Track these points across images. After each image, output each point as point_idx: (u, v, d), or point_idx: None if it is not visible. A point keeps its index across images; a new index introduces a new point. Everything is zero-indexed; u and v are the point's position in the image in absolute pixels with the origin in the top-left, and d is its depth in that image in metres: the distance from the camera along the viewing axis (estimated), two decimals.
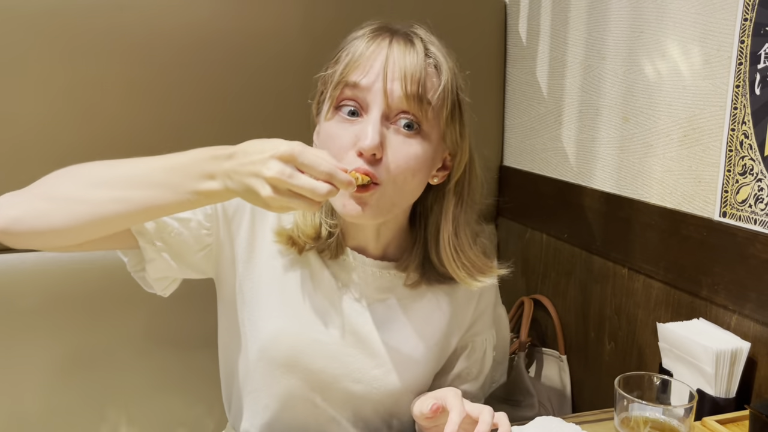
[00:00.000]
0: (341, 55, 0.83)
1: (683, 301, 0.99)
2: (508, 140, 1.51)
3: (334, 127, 0.81)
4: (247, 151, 0.70)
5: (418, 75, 0.78)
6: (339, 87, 0.80)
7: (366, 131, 0.77)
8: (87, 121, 1.19)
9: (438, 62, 0.81)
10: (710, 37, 0.92)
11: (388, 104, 0.78)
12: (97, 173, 0.76)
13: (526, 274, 1.45)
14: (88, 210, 0.73)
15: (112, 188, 0.74)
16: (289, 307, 0.92)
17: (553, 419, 0.90)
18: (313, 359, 0.91)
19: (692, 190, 0.98)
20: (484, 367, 1.03)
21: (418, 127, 0.80)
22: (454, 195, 0.89)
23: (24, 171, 1.16)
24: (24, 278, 1.20)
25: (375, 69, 0.78)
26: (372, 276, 0.93)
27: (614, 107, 1.13)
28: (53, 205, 0.74)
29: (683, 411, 0.74)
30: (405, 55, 0.78)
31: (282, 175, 0.66)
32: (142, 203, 0.73)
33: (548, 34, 1.33)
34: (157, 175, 0.74)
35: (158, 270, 0.89)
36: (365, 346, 0.92)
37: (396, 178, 0.79)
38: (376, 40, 0.80)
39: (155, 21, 1.20)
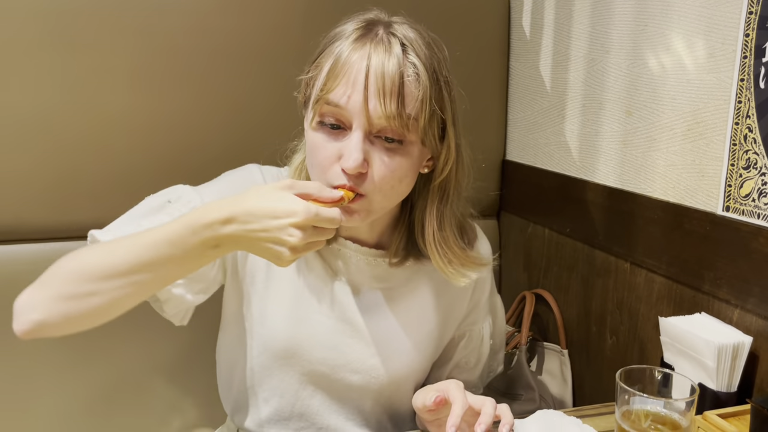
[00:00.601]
0: (321, 61, 0.81)
1: (685, 296, 0.99)
2: (511, 134, 1.51)
3: (318, 139, 0.81)
4: (255, 215, 0.71)
5: (397, 91, 0.77)
6: (320, 103, 0.79)
7: (349, 151, 0.77)
8: (87, 112, 1.19)
9: (417, 70, 0.78)
10: (715, 30, 0.92)
11: (369, 123, 0.78)
12: (103, 263, 0.76)
13: (528, 268, 1.45)
14: (105, 301, 0.76)
15: (122, 276, 0.75)
16: (287, 298, 0.92)
17: (554, 413, 0.90)
18: (311, 350, 0.92)
19: (695, 184, 0.97)
20: (481, 356, 1.03)
21: (401, 140, 0.80)
22: (438, 191, 0.88)
23: (24, 161, 1.17)
24: (26, 269, 1.20)
25: (356, 87, 0.77)
26: (367, 264, 0.93)
27: (618, 101, 1.13)
28: (72, 304, 0.76)
29: (684, 404, 0.74)
30: (384, 68, 0.76)
31: (304, 239, 0.71)
32: (156, 283, 0.77)
33: (552, 27, 1.32)
34: (161, 254, 0.75)
35: (175, 306, 0.90)
36: (362, 336, 0.93)
37: (382, 188, 0.81)
38: (356, 48, 0.78)
39: (156, 12, 1.20)
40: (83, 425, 1.26)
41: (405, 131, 0.79)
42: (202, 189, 0.93)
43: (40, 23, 1.14)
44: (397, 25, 0.81)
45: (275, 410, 0.96)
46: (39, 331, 0.78)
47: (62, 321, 0.77)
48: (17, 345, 1.20)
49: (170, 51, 1.21)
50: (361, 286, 0.93)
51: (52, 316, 0.77)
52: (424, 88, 0.78)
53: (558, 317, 1.31)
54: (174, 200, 0.89)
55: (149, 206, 0.89)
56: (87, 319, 0.78)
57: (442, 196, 0.88)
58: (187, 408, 1.30)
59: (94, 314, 0.77)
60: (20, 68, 1.14)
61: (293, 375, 0.93)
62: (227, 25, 1.24)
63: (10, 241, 1.20)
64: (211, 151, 1.25)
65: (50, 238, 1.22)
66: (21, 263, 1.20)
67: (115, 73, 1.19)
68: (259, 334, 0.93)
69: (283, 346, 0.92)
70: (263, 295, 0.93)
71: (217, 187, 0.93)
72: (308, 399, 0.95)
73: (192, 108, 1.24)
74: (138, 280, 0.75)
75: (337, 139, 0.80)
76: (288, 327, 0.91)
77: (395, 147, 0.80)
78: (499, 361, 1.09)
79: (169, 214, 0.87)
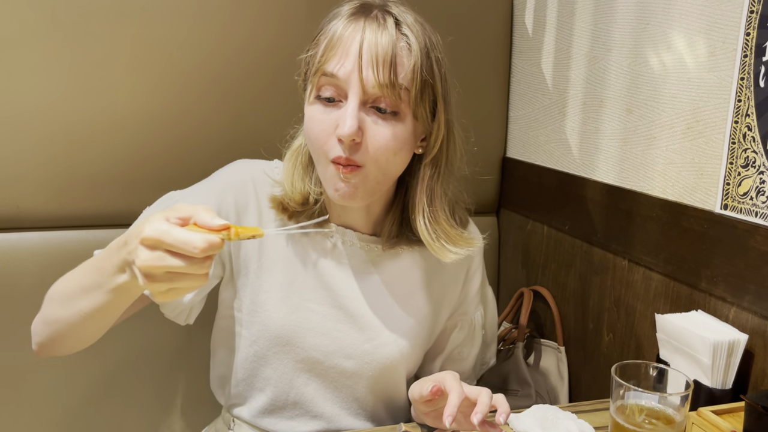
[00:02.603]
0: (320, 38, 0.84)
1: (682, 293, 0.99)
2: (512, 131, 1.51)
3: (315, 112, 0.83)
4: (131, 234, 0.67)
5: (390, 60, 0.79)
6: (317, 75, 0.82)
7: (344, 119, 0.79)
8: (89, 102, 1.19)
9: (410, 42, 0.81)
10: (716, 29, 0.92)
11: (364, 91, 0.80)
12: (65, 289, 0.80)
13: (527, 265, 1.45)
14: (68, 327, 0.78)
15: (72, 302, 0.77)
16: (279, 287, 0.93)
17: (550, 407, 0.91)
18: (304, 337, 0.93)
19: (694, 182, 0.98)
20: (473, 346, 1.04)
21: (395, 111, 0.82)
22: (429, 168, 0.89)
23: (25, 150, 1.18)
24: (27, 257, 1.21)
25: (349, 57, 0.80)
26: (361, 249, 0.94)
27: (618, 99, 1.13)
28: (51, 329, 0.81)
29: (679, 399, 0.74)
30: (377, 39, 0.79)
31: (150, 260, 0.62)
32: (85, 311, 0.75)
33: (554, 25, 1.32)
34: (90, 279, 0.75)
35: (171, 309, 0.92)
36: (355, 321, 0.94)
37: (377, 159, 0.82)
38: (351, 23, 0.81)
39: (160, 2, 1.20)
40: (78, 418, 1.26)
41: (398, 101, 0.81)
42: (191, 191, 0.94)
43: (44, 13, 1.14)
44: (393, 5, 0.84)
45: (270, 400, 0.96)
46: (44, 352, 0.85)
47: (53, 343, 0.83)
48: (15, 336, 1.21)
49: (174, 41, 1.22)
50: (354, 272, 0.94)
51: (44, 339, 0.83)
52: (415, 58, 0.81)
53: (555, 314, 1.31)
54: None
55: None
56: (67, 344, 0.82)
57: (432, 173, 0.89)
58: (182, 402, 1.31)
59: (68, 339, 0.81)
60: (23, 58, 1.15)
61: (287, 363, 0.94)
62: (232, 16, 1.24)
63: (10, 229, 1.20)
64: (214, 142, 1.25)
65: (51, 227, 1.22)
66: (21, 251, 1.20)
67: (118, 64, 1.20)
68: (252, 323, 0.94)
69: (276, 334, 0.93)
70: (255, 285, 0.93)
71: (204, 186, 0.95)
72: (303, 387, 0.95)
73: (195, 99, 1.24)
74: (79, 307, 0.75)
75: (333, 110, 0.82)
76: (281, 315, 0.92)
77: (389, 117, 0.82)
78: (492, 354, 1.10)
79: None
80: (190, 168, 1.06)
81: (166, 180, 1.16)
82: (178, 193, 0.95)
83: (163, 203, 0.94)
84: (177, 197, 0.94)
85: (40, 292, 1.20)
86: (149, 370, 1.27)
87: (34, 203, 1.20)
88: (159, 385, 1.29)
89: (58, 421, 1.25)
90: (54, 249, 1.22)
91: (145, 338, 1.25)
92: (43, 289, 1.19)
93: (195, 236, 0.61)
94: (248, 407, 0.99)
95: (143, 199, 1.05)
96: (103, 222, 1.24)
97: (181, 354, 1.28)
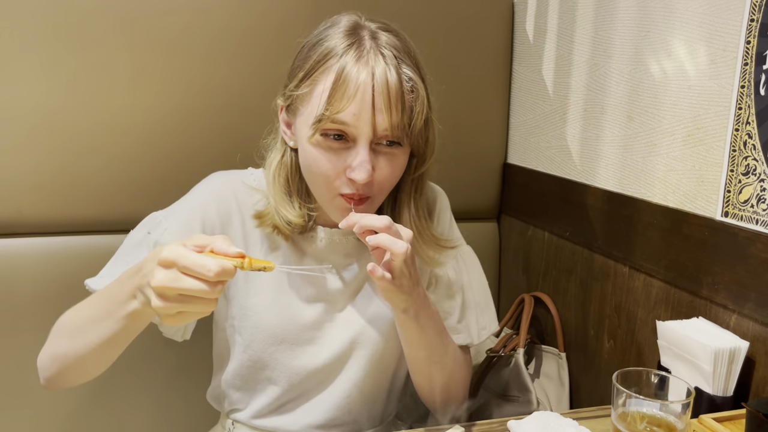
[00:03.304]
0: (318, 79, 0.82)
1: (683, 300, 0.99)
2: (513, 137, 1.52)
3: (322, 152, 0.83)
4: (146, 260, 0.70)
5: (400, 103, 0.81)
6: (325, 122, 0.81)
7: (360, 164, 0.81)
8: (90, 108, 1.20)
9: (414, 81, 0.82)
10: (716, 37, 0.93)
11: (375, 134, 0.81)
12: (72, 322, 0.83)
13: (528, 271, 1.45)
14: (77, 360, 0.81)
15: (81, 334, 0.79)
16: (267, 290, 0.96)
17: (551, 414, 0.91)
18: (297, 335, 0.96)
19: (695, 189, 0.98)
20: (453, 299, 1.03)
21: (399, 141, 0.85)
22: (415, 183, 0.93)
23: (26, 156, 1.18)
24: (29, 262, 1.21)
25: (363, 105, 0.79)
26: (339, 243, 0.97)
27: (619, 106, 1.14)
28: (60, 363, 0.83)
29: (680, 407, 0.74)
30: (387, 83, 0.79)
31: (166, 281, 0.65)
32: (95, 342, 0.77)
33: (555, 32, 1.33)
34: (100, 309, 0.78)
35: (170, 327, 0.94)
36: (343, 312, 0.97)
37: (383, 189, 0.86)
38: (355, 66, 0.80)
39: (159, 9, 1.21)
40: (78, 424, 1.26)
41: (402, 137, 0.83)
42: (174, 209, 0.96)
43: (43, 19, 1.15)
44: (381, 34, 0.84)
45: (272, 399, 0.99)
46: (53, 387, 0.87)
47: (61, 377, 0.85)
48: (16, 341, 1.21)
49: (172, 48, 1.22)
50: (333, 264, 0.97)
51: (53, 374, 0.85)
52: (421, 98, 0.82)
53: (556, 320, 1.32)
54: (152, 230, 0.93)
55: (132, 241, 0.93)
56: (76, 377, 0.85)
57: (417, 188, 0.93)
58: (180, 409, 1.31)
59: (77, 372, 0.84)
60: (23, 64, 1.15)
61: (284, 361, 0.96)
62: (230, 23, 1.24)
63: (13, 234, 1.21)
64: (216, 148, 1.26)
65: (53, 233, 1.23)
66: (24, 256, 1.20)
67: (118, 70, 1.20)
68: (244, 327, 0.96)
69: (270, 333, 0.95)
70: (244, 290, 0.96)
71: (186, 203, 0.96)
72: (302, 381, 0.98)
73: (193, 105, 1.25)
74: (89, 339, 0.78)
75: (341, 150, 0.82)
76: (272, 315, 0.95)
77: (394, 150, 0.84)
78: (492, 318, 1.07)
79: (149, 246, 0.90)
80: (192, 174, 1.06)
81: (168, 186, 1.16)
82: (160, 213, 0.96)
83: (146, 225, 0.95)
84: (159, 218, 0.95)
85: (41, 297, 1.21)
86: (148, 377, 1.27)
87: (37, 209, 1.20)
88: (158, 392, 1.29)
89: (59, 428, 1.25)
90: (56, 254, 1.22)
91: (144, 345, 1.25)
92: (45, 294, 1.20)
93: (210, 260, 0.65)
94: (250, 410, 1.00)
95: (145, 205, 1.05)
96: (105, 228, 1.24)
97: (180, 361, 1.28)
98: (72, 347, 0.81)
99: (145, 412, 1.29)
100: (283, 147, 0.92)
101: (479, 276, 1.08)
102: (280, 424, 0.99)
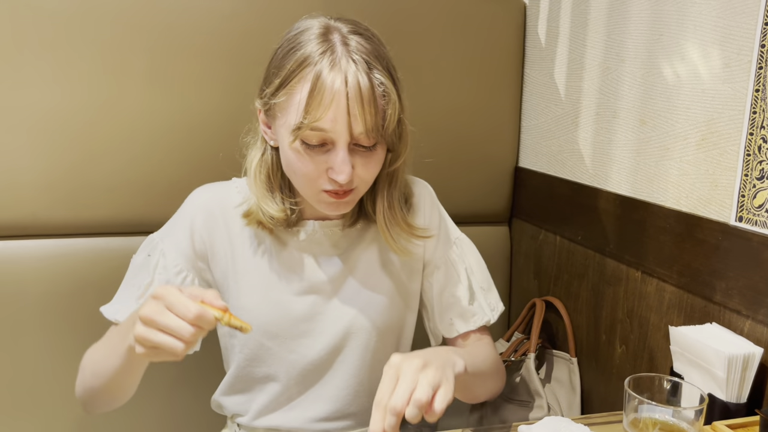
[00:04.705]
0: (295, 87, 0.84)
1: (696, 306, 0.99)
2: (524, 141, 1.51)
3: (302, 155, 0.86)
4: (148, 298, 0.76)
5: (373, 109, 0.83)
6: (304, 129, 0.83)
7: (339, 166, 0.84)
8: (105, 110, 1.21)
9: (385, 86, 0.84)
10: (730, 40, 0.92)
11: (352, 137, 0.84)
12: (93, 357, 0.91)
13: (539, 275, 1.45)
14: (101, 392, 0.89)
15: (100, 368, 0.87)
16: (258, 286, 0.98)
17: (562, 419, 0.90)
18: (290, 328, 0.97)
19: (708, 194, 0.97)
20: (460, 283, 1.05)
21: (375, 143, 0.87)
22: (389, 177, 0.95)
23: (41, 159, 1.19)
24: (42, 263, 1.22)
25: (339, 112, 0.82)
26: (324, 235, 0.99)
27: (632, 110, 1.13)
28: (89, 394, 0.91)
29: (693, 413, 0.73)
30: (360, 91, 0.82)
31: (151, 311, 0.70)
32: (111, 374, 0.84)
33: (567, 35, 1.32)
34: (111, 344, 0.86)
35: None
36: (334, 303, 0.99)
37: (366, 180, 0.90)
38: (329, 75, 0.81)
39: (176, 11, 1.22)
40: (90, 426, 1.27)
41: (378, 138, 0.86)
42: (167, 230, 0.99)
43: (60, 22, 1.16)
44: (352, 37, 0.85)
45: (273, 397, 1.01)
46: (91, 412, 0.95)
47: (94, 405, 0.93)
48: (28, 340, 1.22)
49: (189, 50, 1.23)
50: (322, 256, 0.99)
51: (86, 403, 0.93)
52: (392, 101, 0.85)
53: (568, 325, 1.31)
54: (151, 252, 0.97)
55: (136, 266, 0.98)
56: (107, 402, 0.91)
57: (391, 182, 0.96)
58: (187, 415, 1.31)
59: (107, 398, 0.90)
60: (38, 68, 1.17)
61: (281, 356, 0.98)
62: (247, 25, 1.25)
63: (27, 236, 1.22)
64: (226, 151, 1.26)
65: (65, 235, 1.24)
66: (36, 258, 1.22)
67: (132, 73, 1.21)
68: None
69: (263, 330, 0.97)
70: (235, 291, 0.98)
71: (176, 221, 1.00)
72: (300, 375, 0.99)
73: (209, 108, 1.26)
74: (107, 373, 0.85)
75: (321, 153, 0.85)
76: (264, 311, 0.97)
77: (371, 151, 0.87)
78: (496, 298, 1.09)
79: (151, 268, 0.95)
80: (205, 177, 1.07)
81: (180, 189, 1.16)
82: (156, 235, 0.99)
83: (145, 248, 0.98)
84: (156, 239, 0.98)
85: (54, 298, 1.22)
86: (154, 384, 1.28)
87: (50, 211, 1.21)
88: (163, 398, 1.30)
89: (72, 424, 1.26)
90: (68, 256, 1.23)
91: None
92: (57, 294, 1.21)
93: (193, 303, 0.70)
94: (253, 410, 1.02)
95: (157, 208, 1.06)
96: (117, 230, 1.26)
97: (185, 368, 1.29)
98: (95, 380, 0.88)
99: (152, 419, 1.30)
100: (263, 145, 0.95)
101: (478, 260, 1.10)
102: (284, 420, 1.01)
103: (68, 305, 1.23)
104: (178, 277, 0.95)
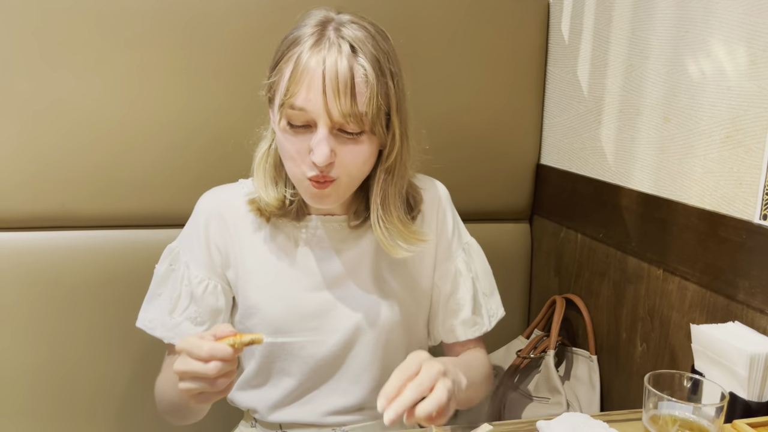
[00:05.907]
0: (282, 66, 0.87)
1: (719, 304, 0.98)
2: (547, 138, 1.51)
3: (288, 137, 0.88)
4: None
5: (350, 91, 0.83)
6: (285, 107, 0.85)
7: (317, 147, 0.85)
8: (132, 106, 1.23)
9: (366, 70, 0.84)
10: (757, 37, 0.91)
11: (331, 120, 0.84)
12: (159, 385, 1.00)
13: (560, 272, 1.44)
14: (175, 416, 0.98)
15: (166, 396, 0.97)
16: (268, 283, 0.99)
17: (580, 415, 0.90)
18: (300, 324, 0.98)
19: (733, 192, 0.96)
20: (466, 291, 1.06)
21: (359, 131, 0.87)
22: (384, 173, 0.94)
23: (70, 154, 1.22)
24: (72, 254, 1.25)
25: (315, 91, 0.83)
26: (333, 230, 1.00)
27: (656, 107, 1.12)
28: (168, 416, 1.00)
29: (714, 411, 0.73)
30: (337, 72, 0.83)
31: (179, 365, 0.76)
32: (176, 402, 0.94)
33: (591, 32, 1.32)
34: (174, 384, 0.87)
35: None
36: (343, 300, 0.99)
37: (350, 172, 0.89)
38: (312, 54, 0.84)
39: (204, 6, 1.23)
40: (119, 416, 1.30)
41: (361, 124, 0.86)
42: (183, 238, 1.02)
43: (91, 20, 1.19)
44: (347, 26, 0.86)
45: (287, 392, 1.02)
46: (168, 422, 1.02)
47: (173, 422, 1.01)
48: (59, 330, 1.25)
49: (215, 47, 1.25)
50: (331, 253, 1.00)
51: (167, 418, 1.01)
52: (371, 87, 0.85)
53: (588, 322, 1.31)
54: (173, 263, 1.00)
55: (160, 276, 1.01)
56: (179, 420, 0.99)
57: (387, 177, 0.95)
58: None
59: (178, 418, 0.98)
60: (68, 65, 1.19)
61: (292, 352, 1.00)
62: (271, 23, 1.26)
63: (57, 227, 1.25)
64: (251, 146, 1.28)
65: (95, 227, 1.26)
66: (67, 249, 1.25)
67: (160, 69, 1.23)
68: (251, 326, 1.00)
69: (276, 326, 0.98)
70: (245, 289, 1.00)
71: (190, 228, 1.02)
72: (311, 372, 1.00)
73: (235, 103, 1.27)
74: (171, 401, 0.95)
75: (305, 135, 0.87)
76: (276, 309, 0.98)
77: (355, 138, 0.87)
78: (497, 304, 1.11)
79: (174, 279, 0.99)
80: (230, 171, 1.09)
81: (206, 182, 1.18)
82: (175, 244, 1.03)
83: (166, 258, 1.02)
84: (176, 249, 1.02)
85: (83, 288, 1.25)
86: None
87: (80, 203, 1.24)
88: None
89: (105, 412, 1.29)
90: (97, 247, 1.26)
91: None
92: (86, 284, 1.24)
93: (204, 342, 0.75)
94: (269, 405, 1.04)
95: (183, 201, 1.08)
96: (145, 222, 1.28)
97: None
98: (170, 408, 0.96)
99: None
100: (272, 135, 0.97)
101: (484, 265, 1.11)
102: (300, 415, 1.02)
103: (97, 295, 1.26)
104: (200, 286, 0.99)
